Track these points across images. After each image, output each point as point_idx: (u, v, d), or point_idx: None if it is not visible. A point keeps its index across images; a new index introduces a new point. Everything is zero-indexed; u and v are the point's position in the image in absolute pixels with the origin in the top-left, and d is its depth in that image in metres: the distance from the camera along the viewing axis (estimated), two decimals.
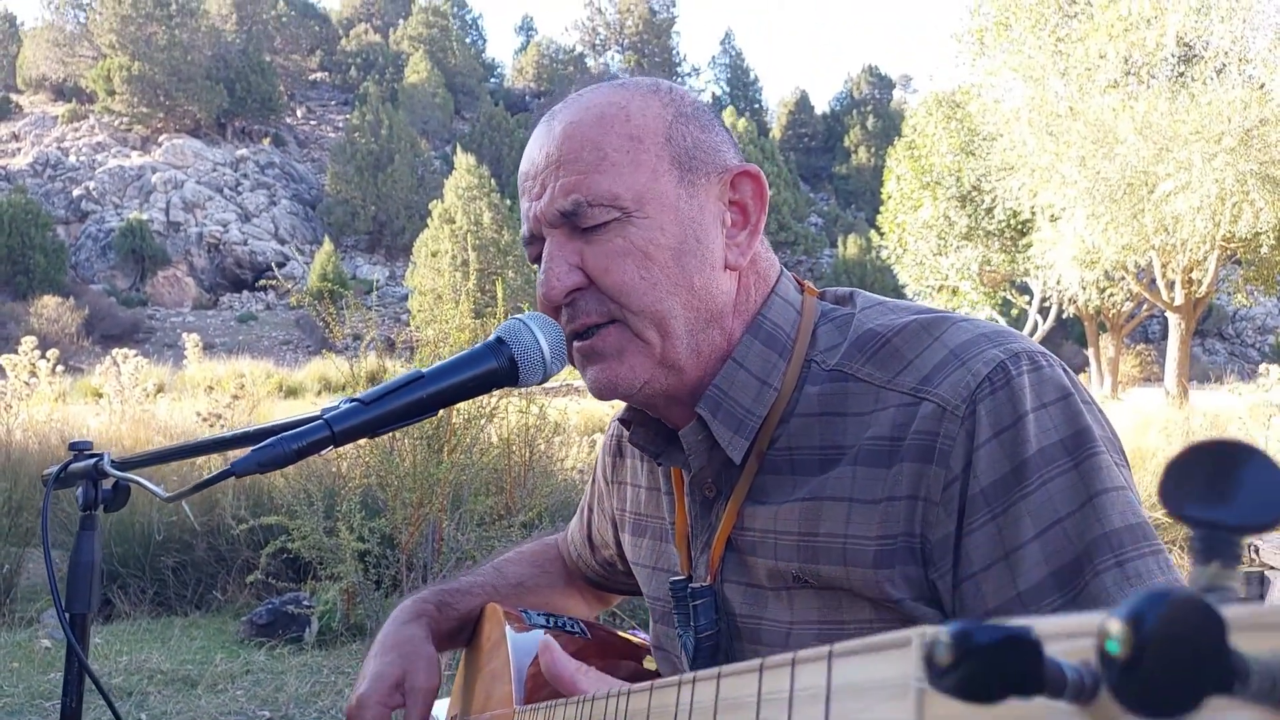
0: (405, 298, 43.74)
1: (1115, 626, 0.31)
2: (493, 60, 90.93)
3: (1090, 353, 29.83)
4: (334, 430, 0.93)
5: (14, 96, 66.77)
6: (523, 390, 6.45)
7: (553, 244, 1.04)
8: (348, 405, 0.95)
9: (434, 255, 40.49)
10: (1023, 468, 0.91)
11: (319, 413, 0.95)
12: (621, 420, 1.19)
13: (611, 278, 1.02)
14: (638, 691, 0.76)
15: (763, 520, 1.05)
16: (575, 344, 1.07)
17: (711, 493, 1.11)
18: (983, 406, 0.94)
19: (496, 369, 1.01)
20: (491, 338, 1.04)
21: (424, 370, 0.99)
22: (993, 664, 0.34)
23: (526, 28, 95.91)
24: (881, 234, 32.59)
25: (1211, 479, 0.35)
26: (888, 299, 1.12)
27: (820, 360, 1.06)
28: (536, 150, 1.07)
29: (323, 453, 0.94)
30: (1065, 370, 0.98)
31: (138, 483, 1.15)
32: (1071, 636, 0.36)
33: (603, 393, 1.07)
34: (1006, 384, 0.94)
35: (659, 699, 0.70)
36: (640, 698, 0.74)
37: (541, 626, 1.25)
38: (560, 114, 1.07)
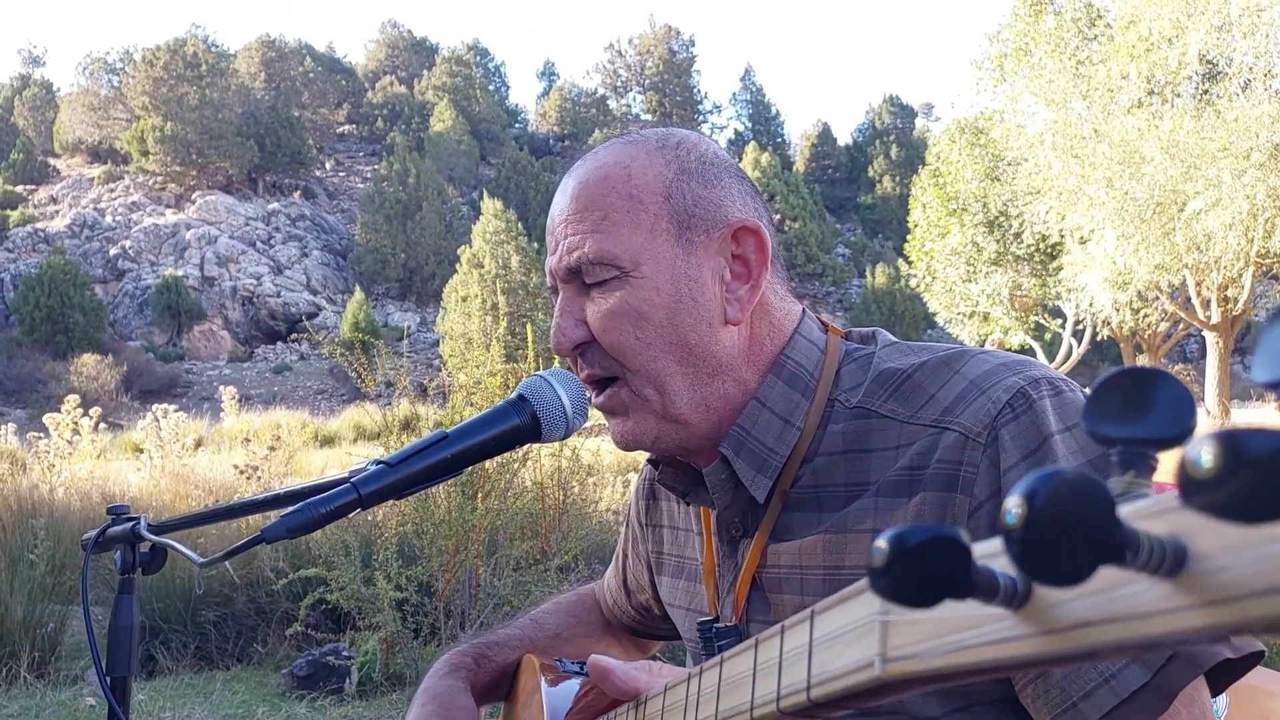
0: (437, 343, 44.09)
1: (1012, 500, 0.35)
2: (516, 106, 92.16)
3: None
4: (361, 493, 0.94)
5: (51, 160, 68.51)
6: None
7: (563, 299, 1.09)
8: (374, 468, 0.97)
9: (464, 300, 40.85)
10: None
11: (347, 474, 0.96)
12: (651, 461, 1.20)
13: (609, 337, 1.05)
14: (653, 697, 0.79)
15: (788, 557, 1.05)
16: (594, 398, 1.11)
17: (738, 532, 1.11)
18: (1005, 432, 0.94)
19: (520, 426, 1.03)
20: (514, 395, 1.05)
21: (448, 430, 1.01)
22: (923, 563, 0.37)
23: (548, 73, 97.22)
24: (910, 262, 32.46)
25: (1127, 401, 0.39)
26: (907, 341, 1.13)
27: (843, 399, 1.07)
28: (556, 205, 1.11)
29: (350, 516, 0.95)
30: (1085, 394, 0.98)
31: (173, 548, 1.17)
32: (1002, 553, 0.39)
33: (620, 446, 1.10)
34: (1029, 409, 0.95)
35: (672, 696, 0.73)
36: (656, 701, 0.76)
37: (575, 674, 1.25)
38: (577, 170, 1.10)
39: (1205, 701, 0.91)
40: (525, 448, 6.08)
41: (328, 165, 73.76)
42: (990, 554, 0.40)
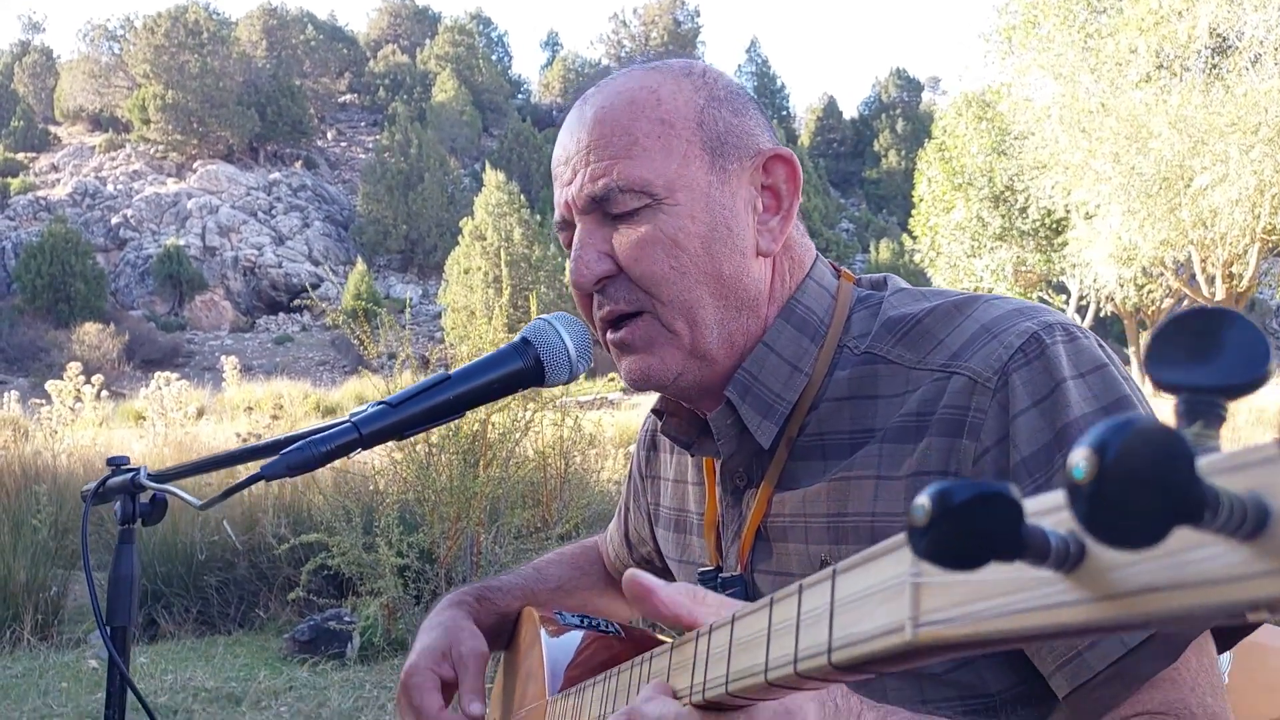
0: (439, 315, 44.06)
1: (1080, 453, 0.31)
2: (519, 77, 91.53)
3: (1131, 351, 29.38)
4: (362, 433, 0.93)
5: (52, 128, 68.18)
6: (558, 403, 6.47)
7: (583, 230, 1.03)
8: (375, 408, 0.95)
9: (466, 272, 40.77)
10: (1065, 434, 0.90)
11: (348, 417, 0.95)
12: (655, 411, 1.18)
13: (641, 267, 1.01)
14: (659, 654, 0.76)
15: (792, 506, 1.04)
16: (609, 335, 1.06)
17: (742, 482, 1.10)
18: (1017, 377, 0.92)
19: (523, 369, 1.01)
20: (517, 338, 1.04)
21: (450, 372, 0.99)
22: (971, 521, 0.34)
23: (552, 43, 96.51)
24: (914, 237, 32.37)
25: (1194, 345, 0.35)
26: (919, 287, 1.11)
27: (852, 345, 1.05)
28: (569, 136, 1.06)
29: (352, 455, 0.94)
30: (1101, 344, 0.97)
31: (173, 493, 1.16)
32: (1059, 509, 0.36)
33: (637, 384, 1.06)
34: (1041, 354, 0.93)
35: (680, 655, 0.70)
36: (662, 658, 0.74)
37: (575, 627, 1.25)
38: (593, 98, 1.06)
39: (1213, 652, 0.90)
40: (528, 417, 6.10)
41: (329, 135, 73.40)
42: (1042, 511, 0.37)
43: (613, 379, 8.66)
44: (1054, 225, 25.92)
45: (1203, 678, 0.88)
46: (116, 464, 1.41)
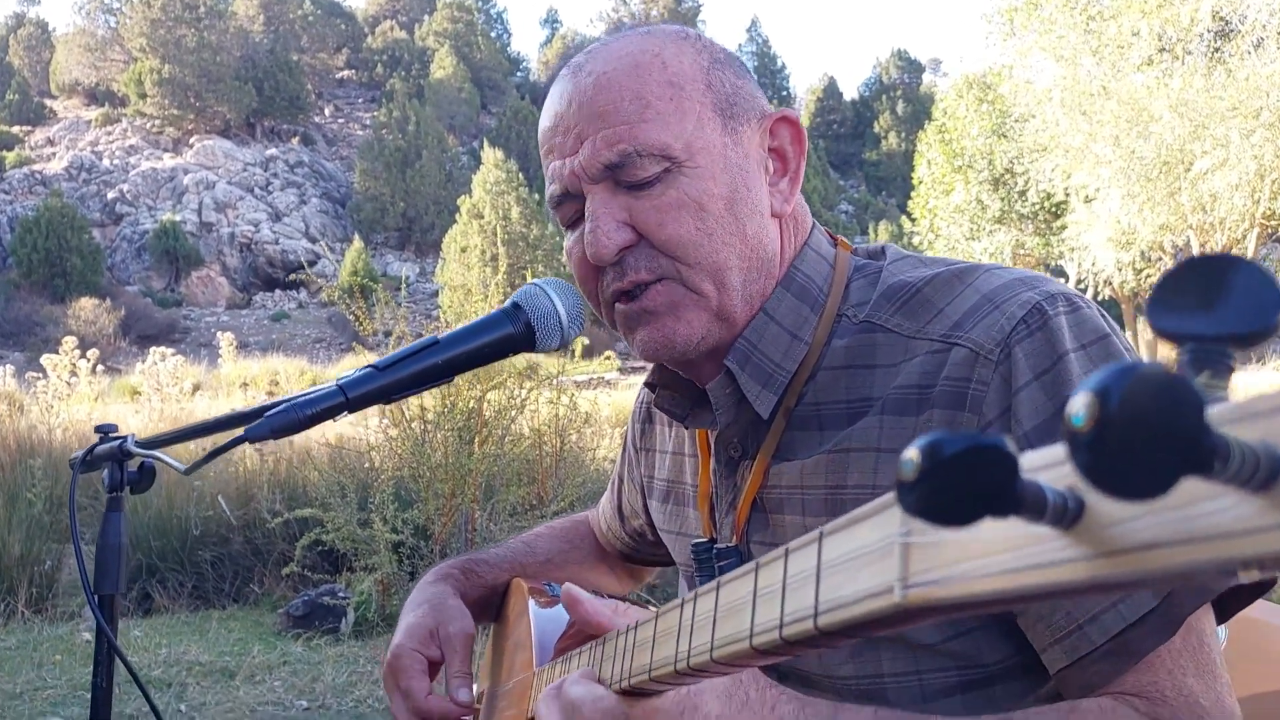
0: (435, 294, 43.97)
1: (1080, 399, 0.29)
2: (518, 54, 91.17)
3: (1128, 335, 29.43)
4: (348, 396, 0.92)
5: (48, 102, 67.78)
6: (553, 381, 6.46)
7: (597, 201, 0.99)
8: (362, 372, 0.94)
9: (463, 251, 40.63)
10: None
11: (335, 381, 0.93)
12: (648, 384, 1.17)
13: (667, 231, 0.98)
14: (644, 622, 0.75)
15: (790, 477, 1.02)
16: (620, 306, 1.03)
17: (737, 452, 1.08)
18: (1019, 349, 0.91)
19: (513, 334, 1.00)
20: (508, 303, 1.02)
21: (440, 335, 0.98)
22: (963, 475, 0.32)
23: (551, 20, 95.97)
24: (913, 219, 32.29)
25: (1201, 292, 0.33)
26: (919, 254, 1.09)
27: (851, 314, 1.03)
28: (564, 104, 1.01)
29: (338, 418, 0.93)
30: (1103, 314, 0.95)
31: (159, 458, 1.15)
32: (1057, 464, 0.34)
33: (656, 353, 1.03)
34: (1044, 325, 0.91)
35: (665, 622, 0.69)
36: (647, 627, 0.73)
37: None
38: (588, 65, 1.02)
39: (1205, 629, 0.88)
40: (523, 395, 6.09)
41: (326, 111, 73.03)
42: (1038, 466, 0.35)
43: (609, 358, 8.65)
44: (1053, 209, 25.87)
45: (1186, 658, 0.86)
46: (105, 431, 1.40)
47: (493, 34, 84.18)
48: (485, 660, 1.48)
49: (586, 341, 6.76)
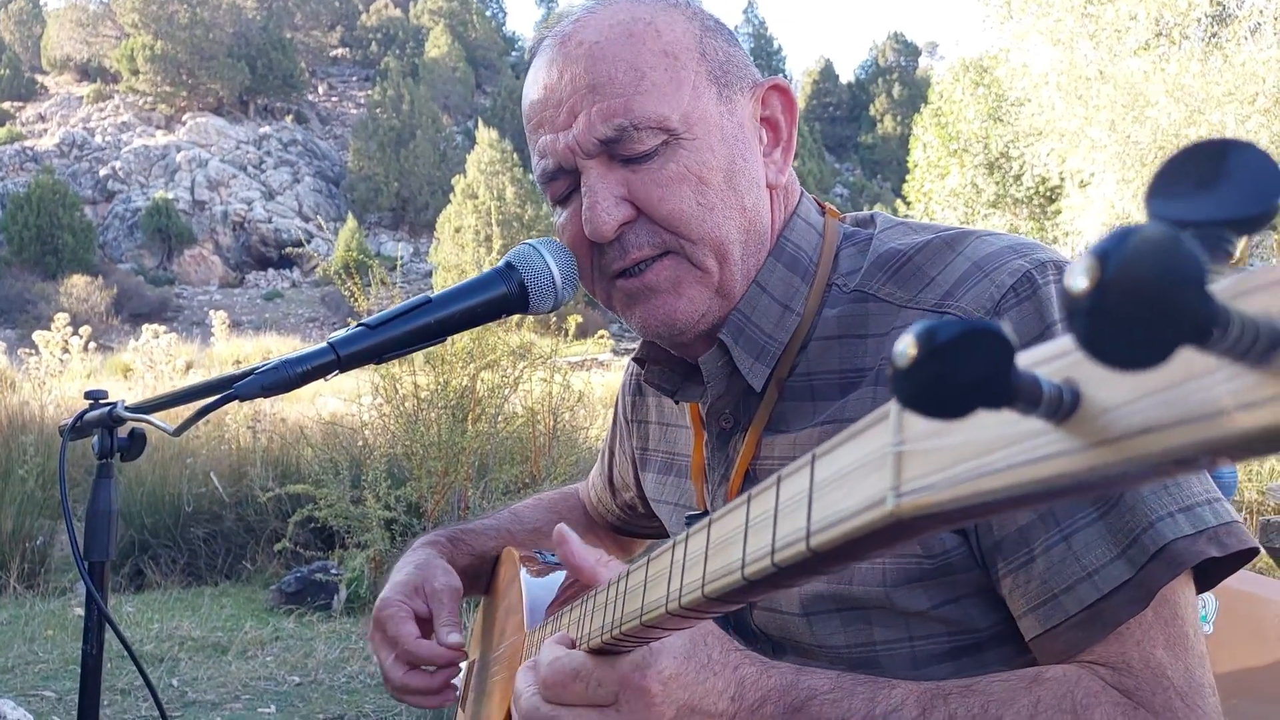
0: (429, 274, 43.83)
1: (1079, 264, 0.28)
2: (513, 34, 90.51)
3: None
4: (339, 354, 0.91)
5: (39, 77, 67.24)
6: (547, 361, 6.44)
7: (594, 176, 0.97)
8: (354, 330, 0.93)
9: (457, 231, 40.50)
10: None
11: (327, 340, 0.93)
12: (636, 359, 1.16)
13: (667, 206, 0.96)
14: (636, 568, 0.73)
15: (782, 449, 1.02)
16: (620, 283, 1.01)
17: (729, 424, 1.08)
18: (1008, 318, 0.90)
19: (506, 294, 0.99)
20: (501, 263, 1.01)
21: (432, 295, 0.97)
22: (958, 361, 0.31)
23: (546, 0, 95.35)
24: (908, 203, 32.23)
25: (1199, 175, 0.32)
26: (909, 220, 1.08)
27: (841, 283, 1.02)
28: (555, 75, 0.98)
29: (328, 378, 0.92)
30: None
31: (148, 421, 1.14)
32: (1055, 358, 0.33)
33: (656, 331, 1.01)
34: (1033, 294, 0.90)
35: (657, 566, 0.68)
36: (639, 572, 0.72)
37: (557, 566, 1.24)
38: (576, 34, 0.99)
39: (1180, 601, 0.87)
40: (517, 373, 6.09)
41: (320, 89, 72.58)
42: (1035, 361, 0.34)
43: (602, 338, 8.63)
44: (1048, 193, 25.87)
45: (1157, 630, 0.86)
46: (95, 397, 1.39)
47: (488, 13, 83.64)
48: (475, 629, 1.48)
49: (580, 320, 6.74)
